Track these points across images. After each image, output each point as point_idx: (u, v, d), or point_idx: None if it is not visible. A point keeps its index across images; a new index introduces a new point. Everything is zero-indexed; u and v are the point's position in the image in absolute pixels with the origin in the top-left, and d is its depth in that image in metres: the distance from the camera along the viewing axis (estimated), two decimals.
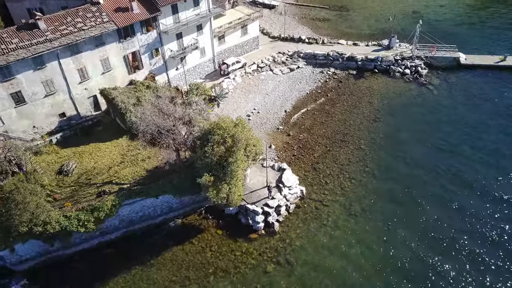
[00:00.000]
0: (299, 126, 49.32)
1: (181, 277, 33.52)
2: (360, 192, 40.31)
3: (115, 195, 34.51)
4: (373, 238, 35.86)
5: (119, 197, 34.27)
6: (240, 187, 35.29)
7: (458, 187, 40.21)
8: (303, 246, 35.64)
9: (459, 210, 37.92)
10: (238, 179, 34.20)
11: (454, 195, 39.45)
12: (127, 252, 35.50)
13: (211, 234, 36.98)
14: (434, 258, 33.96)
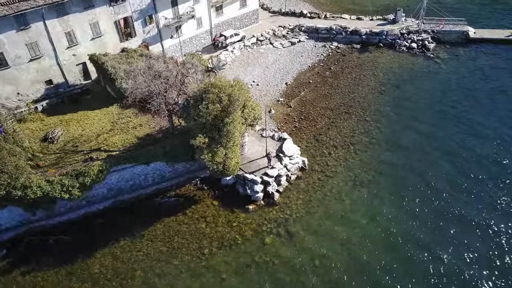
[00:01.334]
0: (300, 98, 46.78)
1: (174, 249, 31.06)
2: (365, 164, 37.77)
3: (103, 161, 31.99)
4: (379, 210, 33.33)
5: (107, 163, 31.75)
6: (237, 152, 32.78)
7: (467, 159, 37.73)
8: (305, 217, 33.17)
9: (468, 180, 35.50)
10: (235, 143, 31.69)
11: (463, 166, 37.00)
12: (116, 223, 32.99)
13: (207, 205, 34.49)
14: (442, 228, 31.54)
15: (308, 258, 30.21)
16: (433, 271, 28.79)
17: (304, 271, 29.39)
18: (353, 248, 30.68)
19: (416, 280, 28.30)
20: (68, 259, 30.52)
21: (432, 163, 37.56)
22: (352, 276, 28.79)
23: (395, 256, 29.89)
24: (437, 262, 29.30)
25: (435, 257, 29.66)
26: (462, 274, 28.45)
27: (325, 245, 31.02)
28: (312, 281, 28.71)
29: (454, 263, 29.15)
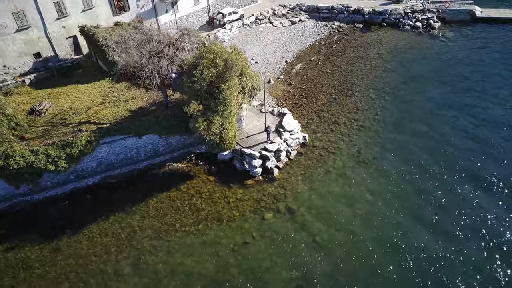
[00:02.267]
0: (301, 75, 44.90)
1: (166, 225, 29.24)
2: (369, 140, 35.90)
3: (92, 132, 30.11)
4: (384, 186, 31.51)
5: (96, 134, 29.88)
6: (234, 124, 30.95)
7: (470, 139, 35.85)
8: (305, 193, 31.31)
9: (472, 157, 33.71)
10: (232, 113, 29.86)
11: (473, 142, 35.19)
12: (106, 199, 31.12)
13: (202, 180, 32.64)
14: (449, 206, 29.78)
15: (309, 235, 28.36)
16: (441, 252, 27.05)
17: (305, 247, 27.56)
18: (356, 224, 28.85)
19: (418, 260, 26.57)
20: (54, 235, 28.68)
21: (439, 138, 35.72)
22: (354, 253, 26.98)
23: (399, 234, 28.08)
24: (444, 240, 27.57)
25: (441, 232, 27.97)
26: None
27: (327, 221, 29.18)
28: (313, 257, 26.91)
29: (462, 251, 27.42)
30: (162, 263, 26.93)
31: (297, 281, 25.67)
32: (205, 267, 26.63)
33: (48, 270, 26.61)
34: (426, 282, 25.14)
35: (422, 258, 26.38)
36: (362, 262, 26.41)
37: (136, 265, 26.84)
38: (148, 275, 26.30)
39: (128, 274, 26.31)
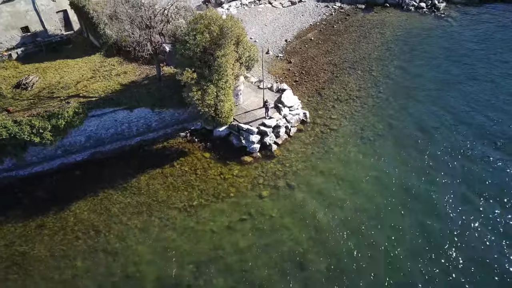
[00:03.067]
0: (301, 54, 43.19)
1: (158, 202, 27.61)
2: (373, 118, 34.25)
3: (80, 103, 28.48)
4: (388, 164, 29.83)
5: (84, 105, 28.26)
6: (230, 96, 29.33)
7: (479, 113, 34.35)
8: (306, 170, 29.69)
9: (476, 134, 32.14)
10: (228, 84, 28.22)
11: (480, 120, 33.62)
12: (96, 175, 29.51)
13: (197, 157, 31.02)
14: (453, 181, 28.26)
15: (309, 212, 26.78)
16: (446, 230, 25.51)
17: (306, 225, 25.97)
18: (359, 202, 27.24)
19: (424, 237, 25.01)
20: (39, 212, 27.07)
21: (443, 116, 34.15)
22: (357, 231, 25.40)
23: (402, 212, 26.49)
24: (448, 215, 26.04)
25: (445, 213, 26.40)
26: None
27: (328, 199, 27.57)
28: (314, 235, 25.33)
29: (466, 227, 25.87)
30: (153, 240, 25.35)
31: (296, 258, 24.09)
32: (198, 244, 25.03)
33: (32, 247, 25.03)
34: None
35: (426, 242, 24.89)
36: (365, 241, 24.84)
37: (126, 242, 25.26)
38: (138, 252, 24.69)
39: (117, 251, 24.73)
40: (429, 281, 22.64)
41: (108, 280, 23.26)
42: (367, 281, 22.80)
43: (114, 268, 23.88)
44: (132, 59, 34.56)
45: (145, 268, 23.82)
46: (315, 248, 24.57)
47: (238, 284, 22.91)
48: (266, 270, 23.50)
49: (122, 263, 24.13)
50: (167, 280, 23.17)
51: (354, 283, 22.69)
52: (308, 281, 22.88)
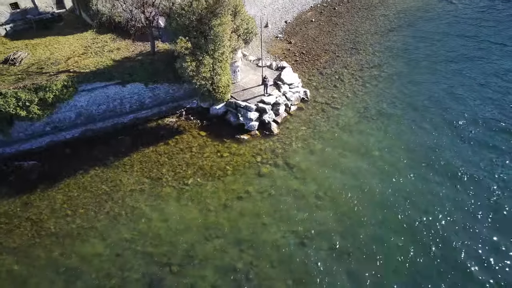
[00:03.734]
0: (302, 35, 41.86)
1: (152, 179, 26.27)
2: (376, 96, 33.00)
3: (69, 76, 27.11)
4: (392, 143, 28.55)
5: (74, 78, 26.89)
6: (227, 70, 28.00)
7: (483, 87, 33.12)
8: (306, 148, 28.37)
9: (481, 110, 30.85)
10: (225, 56, 26.89)
11: (486, 101, 32.35)
12: (87, 153, 28.21)
13: (193, 135, 29.69)
14: (452, 159, 26.98)
15: (310, 190, 25.44)
16: (450, 206, 24.25)
17: (306, 203, 24.64)
18: (362, 180, 25.88)
19: (429, 215, 23.73)
20: (26, 190, 25.70)
21: (448, 94, 32.89)
22: (360, 209, 24.05)
23: (407, 189, 25.22)
24: (452, 197, 24.77)
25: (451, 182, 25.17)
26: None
27: (330, 177, 26.20)
28: (315, 213, 24.00)
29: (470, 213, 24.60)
30: (145, 218, 24.00)
31: (296, 236, 22.77)
32: (193, 222, 23.69)
33: (17, 225, 23.69)
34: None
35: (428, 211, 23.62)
36: (367, 218, 23.49)
37: (116, 221, 23.89)
38: (129, 230, 23.38)
39: (107, 230, 23.39)
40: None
41: (96, 259, 21.95)
42: (372, 268, 21.54)
43: (104, 247, 22.57)
44: (125, 36, 33.19)
45: (136, 247, 22.49)
46: (316, 227, 23.26)
47: (236, 262, 21.58)
48: (265, 249, 22.21)
49: (112, 242, 22.81)
50: (159, 258, 21.87)
51: (358, 265, 21.41)
52: (309, 261, 21.58)
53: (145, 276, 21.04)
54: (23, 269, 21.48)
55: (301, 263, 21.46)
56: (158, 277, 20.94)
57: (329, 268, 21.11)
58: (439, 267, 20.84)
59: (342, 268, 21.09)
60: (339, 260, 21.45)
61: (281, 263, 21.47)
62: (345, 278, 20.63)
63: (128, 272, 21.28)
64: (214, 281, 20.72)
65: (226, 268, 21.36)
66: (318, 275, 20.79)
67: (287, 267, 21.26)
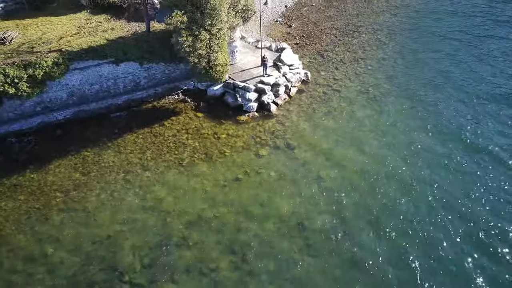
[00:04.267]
0: (302, 19, 40.83)
1: (146, 160, 25.21)
2: (379, 79, 32.02)
3: (60, 53, 26.05)
4: (395, 125, 27.52)
5: (65, 55, 25.83)
6: (225, 48, 26.95)
7: (485, 64, 32.14)
8: (308, 129, 27.36)
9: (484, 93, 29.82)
10: (222, 33, 25.82)
11: (482, 73, 31.38)
12: (79, 134, 27.14)
13: (189, 117, 28.66)
14: (454, 141, 26.02)
15: (311, 171, 24.42)
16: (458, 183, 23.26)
17: (307, 183, 23.62)
18: (366, 162, 24.82)
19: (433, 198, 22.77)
20: (15, 171, 24.58)
21: (452, 77, 31.94)
22: (363, 190, 23.05)
23: (409, 171, 24.24)
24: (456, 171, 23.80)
25: (456, 173, 24.16)
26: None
27: (332, 158, 25.19)
28: (316, 193, 22.96)
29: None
30: (139, 199, 22.95)
31: (296, 218, 21.72)
32: (189, 204, 22.62)
33: (4, 207, 22.61)
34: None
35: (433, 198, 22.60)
36: (370, 200, 22.47)
37: (108, 202, 22.82)
38: (122, 211, 22.34)
39: (99, 211, 22.32)
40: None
41: (87, 240, 20.91)
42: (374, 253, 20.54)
43: (95, 228, 21.53)
44: (120, 16, 32.16)
45: (128, 227, 21.47)
46: (317, 208, 22.24)
47: (232, 244, 20.56)
48: (262, 231, 21.17)
49: (104, 223, 21.78)
50: (153, 238, 20.83)
51: (359, 237, 20.41)
52: (309, 242, 20.55)
53: (136, 257, 20.05)
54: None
55: (302, 245, 20.48)
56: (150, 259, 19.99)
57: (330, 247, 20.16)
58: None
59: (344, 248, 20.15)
60: (345, 240, 20.48)
61: (280, 244, 20.49)
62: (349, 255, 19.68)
63: (120, 253, 20.29)
64: (211, 262, 19.74)
65: (224, 250, 20.38)
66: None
67: (287, 249, 20.28)
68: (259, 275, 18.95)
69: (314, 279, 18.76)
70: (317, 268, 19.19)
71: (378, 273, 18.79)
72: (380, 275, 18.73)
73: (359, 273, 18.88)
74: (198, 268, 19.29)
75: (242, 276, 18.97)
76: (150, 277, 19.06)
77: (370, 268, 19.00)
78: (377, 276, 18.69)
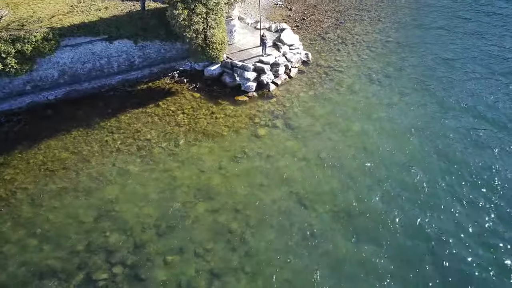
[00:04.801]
0: (303, 2, 39.81)
1: (140, 140, 24.06)
2: (382, 61, 31.01)
3: (50, 28, 24.99)
4: (399, 106, 26.51)
5: (55, 31, 24.78)
6: (222, 24, 25.93)
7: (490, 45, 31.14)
8: (308, 110, 26.28)
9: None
10: (220, 8, 24.77)
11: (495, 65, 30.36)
12: (70, 114, 26.06)
13: (186, 97, 27.59)
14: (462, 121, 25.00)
15: (312, 151, 23.37)
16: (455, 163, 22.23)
17: (307, 164, 22.56)
18: (368, 141, 23.87)
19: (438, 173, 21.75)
20: (3, 151, 23.49)
21: (457, 58, 30.94)
22: (366, 171, 22.04)
23: (414, 152, 23.23)
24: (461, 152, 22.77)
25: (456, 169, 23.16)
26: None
27: (335, 139, 24.17)
28: (317, 174, 21.90)
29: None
30: (131, 179, 21.90)
31: (297, 197, 20.71)
32: (184, 183, 21.60)
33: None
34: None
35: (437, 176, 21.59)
36: (371, 183, 21.46)
37: (100, 181, 21.71)
38: (113, 191, 21.17)
39: (90, 190, 21.27)
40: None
41: (76, 219, 19.83)
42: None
43: (85, 207, 20.47)
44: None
45: (121, 206, 20.39)
46: (318, 189, 21.19)
47: (230, 223, 19.51)
48: (260, 212, 20.12)
49: (93, 203, 20.70)
50: (145, 219, 19.77)
51: (360, 224, 19.38)
52: (312, 221, 19.51)
53: (129, 237, 19.00)
54: None
55: (301, 224, 19.42)
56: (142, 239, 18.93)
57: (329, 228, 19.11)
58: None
59: (343, 228, 19.08)
60: (340, 221, 19.43)
61: (280, 224, 19.43)
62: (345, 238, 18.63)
63: (109, 232, 19.21)
64: (206, 243, 18.68)
65: (220, 230, 19.33)
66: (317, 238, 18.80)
67: (285, 228, 19.23)
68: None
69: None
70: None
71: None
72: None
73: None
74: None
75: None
76: (143, 256, 18.07)
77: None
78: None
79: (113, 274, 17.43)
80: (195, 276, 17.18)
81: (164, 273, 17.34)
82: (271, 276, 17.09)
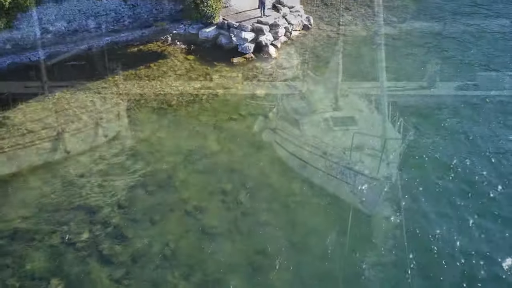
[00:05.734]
0: None
1: (130, 101, 22.27)
2: (388, 25, 29.24)
3: None
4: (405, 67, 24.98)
5: None
6: None
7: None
8: (310, 73, 24.46)
9: None
10: None
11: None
12: (53, 75, 24.16)
13: (179, 60, 25.78)
14: None
15: (314, 111, 21.41)
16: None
17: (309, 123, 20.68)
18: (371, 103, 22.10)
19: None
20: None
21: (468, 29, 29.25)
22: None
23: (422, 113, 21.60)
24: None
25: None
26: None
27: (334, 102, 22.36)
28: (319, 132, 20.12)
29: None
30: (119, 140, 20.05)
31: (296, 159, 18.95)
32: (177, 144, 19.87)
33: None
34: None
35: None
36: None
37: (84, 141, 19.88)
38: (99, 152, 19.45)
39: (73, 149, 19.55)
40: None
41: (59, 178, 18.12)
42: None
43: (65, 170, 18.73)
44: None
45: (102, 169, 18.65)
46: (319, 148, 19.42)
47: (225, 184, 17.77)
48: (256, 170, 18.42)
49: (78, 162, 18.97)
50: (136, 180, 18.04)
51: None
52: (311, 179, 17.83)
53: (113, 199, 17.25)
54: None
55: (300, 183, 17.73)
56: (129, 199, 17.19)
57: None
58: None
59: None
60: None
61: (279, 183, 17.72)
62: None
63: (91, 197, 17.46)
64: (198, 203, 16.95)
65: (212, 191, 17.61)
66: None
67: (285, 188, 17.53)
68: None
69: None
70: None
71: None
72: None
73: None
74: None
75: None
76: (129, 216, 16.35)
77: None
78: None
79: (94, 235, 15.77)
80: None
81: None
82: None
